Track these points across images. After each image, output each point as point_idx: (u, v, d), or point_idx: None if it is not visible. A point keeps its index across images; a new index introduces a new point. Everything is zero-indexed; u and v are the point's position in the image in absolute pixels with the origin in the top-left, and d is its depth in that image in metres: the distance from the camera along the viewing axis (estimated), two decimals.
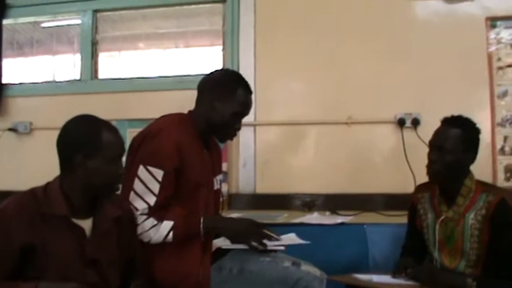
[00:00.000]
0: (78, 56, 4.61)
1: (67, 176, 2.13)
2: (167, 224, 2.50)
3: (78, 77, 4.57)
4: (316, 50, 4.14)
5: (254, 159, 4.15)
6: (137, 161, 2.54)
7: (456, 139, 2.58)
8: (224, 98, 2.67)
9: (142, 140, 2.57)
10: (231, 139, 2.80)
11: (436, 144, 2.62)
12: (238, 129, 2.76)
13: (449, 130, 2.61)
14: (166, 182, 2.51)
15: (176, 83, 4.33)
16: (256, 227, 2.68)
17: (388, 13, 4.06)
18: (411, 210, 2.84)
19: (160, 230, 2.49)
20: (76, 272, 2.06)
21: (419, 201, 2.78)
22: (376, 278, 2.63)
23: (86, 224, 2.13)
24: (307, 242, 2.73)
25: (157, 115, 2.66)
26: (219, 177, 2.87)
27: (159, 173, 2.48)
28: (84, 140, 2.12)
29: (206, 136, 2.73)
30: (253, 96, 2.73)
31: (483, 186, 2.62)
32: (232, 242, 2.65)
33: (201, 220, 2.55)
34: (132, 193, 2.50)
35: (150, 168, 2.49)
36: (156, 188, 2.50)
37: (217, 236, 2.74)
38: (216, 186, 2.81)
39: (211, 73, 2.83)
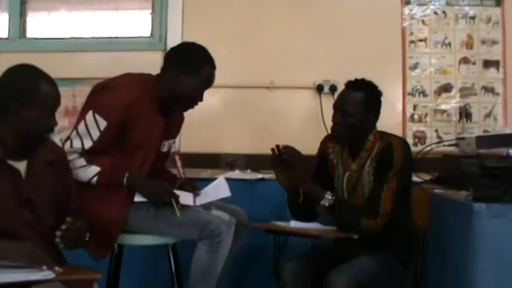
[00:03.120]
0: (6, 15, 4.55)
1: (0, 121, 2.16)
2: (94, 169, 2.68)
3: (5, 36, 4.52)
4: (243, 18, 4.27)
5: None
6: (89, 106, 2.70)
7: (358, 102, 2.71)
8: (190, 72, 2.79)
9: (101, 89, 2.74)
10: (191, 108, 2.93)
11: (339, 107, 2.75)
12: (200, 100, 2.88)
13: (351, 93, 2.74)
14: (106, 133, 2.68)
15: (105, 44, 4.39)
16: (170, 190, 2.80)
17: None
18: (321, 157, 2.93)
19: (87, 172, 2.68)
20: (11, 210, 2.13)
21: (331, 151, 2.90)
22: (293, 223, 2.76)
23: (21, 166, 2.19)
24: (229, 195, 2.92)
25: (86, 75, 2.84)
26: (171, 141, 3.02)
27: (102, 123, 2.66)
28: (22, 89, 2.13)
29: (166, 102, 2.84)
30: None
31: (380, 136, 2.77)
32: (149, 200, 2.78)
33: (126, 176, 2.73)
34: (74, 131, 2.70)
35: (97, 116, 2.66)
36: (95, 134, 2.68)
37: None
38: (165, 149, 2.97)
39: (181, 45, 2.97)
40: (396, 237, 2.73)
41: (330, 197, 2.67)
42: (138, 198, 2.77)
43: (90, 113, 2.67)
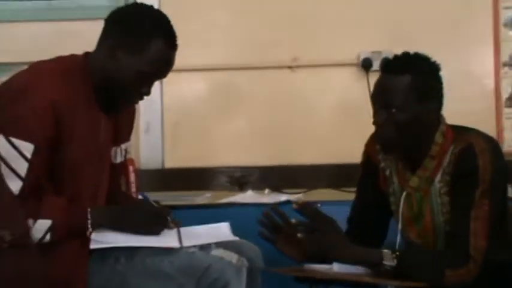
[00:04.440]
0: None
1: None
2: (43, 224, 2.34)
3: None
4: None
5: (161, 121, 3.85)
6: None
7: (405, 89, 2.39)
8: (131, 47, 2.42)
9: (6, 99, 2.41)
10: (133, 104, 2.62)
11: (379, 102, 2.44)
12: (146, 94, 2.52)
13: (393, 79, 2.42)
14: (37, 160, 2.34)
15: (42, 11, 3.91)
16: (155, 214, 2.56)
17: None
18: (367, 164, 2.66)
19: (35, 232, 2.34)
20: None
21: (383, 157, 2.59)
22: (337, 266, 2.41)
23: None
24: (235, 238, 2.57)
25: (11, 59, 2.80)
26: (125, 145, 2.73)
27: (27, 148, 2.30)
28: None
29: (101, 91, 2.52)
30: None
31: (454, 134, 2.46)
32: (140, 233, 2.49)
33: (88, 214, 2.42)
34: None
35: (15, 141, 2.30)
36: (23, 168, 2.32)
37: None
38: (119, 159, 2.68)
39: (126, 7, 2.76)
40: (501, 281, 2.43)
41: (391, 253, 2.35)
42: (96, 244, 2.45)
43: (2, 138, 2.31)
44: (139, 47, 2.41)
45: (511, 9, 3.66)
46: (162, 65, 2.49)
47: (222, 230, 2.65)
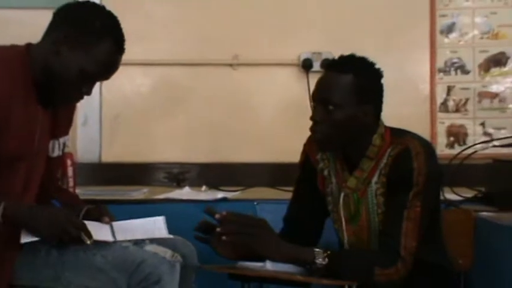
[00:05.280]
0: None
1: None
2: None
3: None
4: None
5: (99, 114, 3.85)
6: None
7: (345, 88, 2.42)
8: (78, 44, 2.39)
9: None
10: (73, 102, 2.61)
11: (319, 98, 2.46)
12: (87, 93, 2.50)
13: (334, 77, 2.45)
14: None
15: None
16: (73, 218, 2.45)
17: None
18: (305, 164, 2.67)
19: None
20: None
21: (321, 157, 2.62)
22: (270, 264, 2.42)
23: None
24: (170, 237, 2.57)
25: None
26: (63, 139, 2.68)
27: None
28: None
29: (41, 84, 2.49)
30: None
31: (392, 137, 2.49)
32: (43, 238, 2.39)
33: (1, 207, 2.34)
34: None
35: None
36: None
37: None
38: (57, 153, 2.64)
39: (78, 2, 2.61)
40: (429, 282, 2.48)
41: (323, 253, 2.37)
42: (26, 237, 2.38)
43: None
44: (87, 45, 2.39)
45: (447, 17, 3.76)
46: (108, 67, 2.47)
47: (157, 225, 2.64)
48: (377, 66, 2.49)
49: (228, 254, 2.48)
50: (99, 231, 2.48)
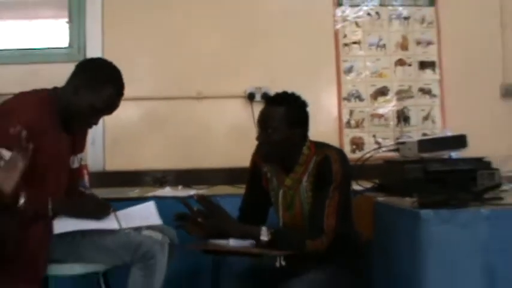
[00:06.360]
0: None
1: None
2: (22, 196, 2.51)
3: None
4: (166, 26, 4.25)
5: (103, 136, 4.17)
6: None
7: (279, 117, 2.62)
8: (90, 87, 2.67)
9: None
10: (86, 129, 2.85)
11: (261, 125, 2.67)
12: (94, 123, 2.77)
13: (271, 109, 2.66)
14: None
15: (18, 56, 4.24)
16: (100, 205, 2.77)
17: None
18: (254, 170, 2.87)
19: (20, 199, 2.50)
20: None
21: (265, 165, 2.81)
22: (232, 241, 2.64)
23: None
24: (159, 222, 2.83)
25: None
26: (80, 155, 2.92)
27: (6, 154, 2.48)
28: None
29: (64, 116, 2.73)
30: None
31: (316, 149, 2.69)
32: (88, 217, 2.71)
33: (49, 201, 2.59)
34: None
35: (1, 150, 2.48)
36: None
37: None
38: (75, 165, 2.87)
39: (93, 59, 2.90)
40: (345, 249, 2.70)
41: (267, 230, 2.58)
42: (57, 229, 2.66)
43: None
44: (96, 88, 2.67)
45: (347, 62, 4.26)
46: (110, 105, 2.75)
47: (149, 209, 2.88)
48: (302, 98, 2.70)
49: (200, 234, 2.65)
50: (108, 222, 2.74)
